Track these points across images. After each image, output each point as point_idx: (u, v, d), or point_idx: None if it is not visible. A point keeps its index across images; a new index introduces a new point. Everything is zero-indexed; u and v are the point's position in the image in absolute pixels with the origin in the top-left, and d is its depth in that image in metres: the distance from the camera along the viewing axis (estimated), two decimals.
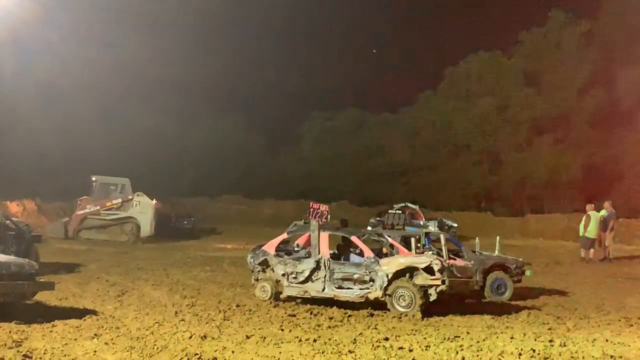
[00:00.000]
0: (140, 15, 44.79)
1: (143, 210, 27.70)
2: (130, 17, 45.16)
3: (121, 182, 28.43)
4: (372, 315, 12.00)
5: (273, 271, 13.55)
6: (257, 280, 13.80)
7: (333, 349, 9.03)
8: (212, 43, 51.50)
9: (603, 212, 23.19)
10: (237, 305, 12.64)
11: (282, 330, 10.44)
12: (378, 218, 28.01)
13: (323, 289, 12.95)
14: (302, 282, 13.14)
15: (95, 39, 44.09)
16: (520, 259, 15.78)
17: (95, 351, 8.65)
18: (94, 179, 28.46)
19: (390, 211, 27.30)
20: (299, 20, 58.29)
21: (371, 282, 12.56)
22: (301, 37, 57.30)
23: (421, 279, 12.23)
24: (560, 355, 8.84)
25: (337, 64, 59.83)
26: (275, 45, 56.82)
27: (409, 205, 29.56)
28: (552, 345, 9.44)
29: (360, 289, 12.67)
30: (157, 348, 8.86)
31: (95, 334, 9.70)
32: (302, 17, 58.30)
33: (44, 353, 8.45)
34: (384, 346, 9.25)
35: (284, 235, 14.18)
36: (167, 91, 48.17)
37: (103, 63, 43.56)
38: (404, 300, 12.16)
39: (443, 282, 12.14)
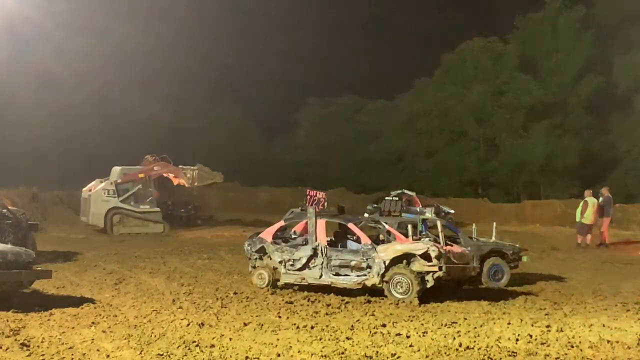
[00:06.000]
0: (135, 3, 44.64)
1: None
2: (126, 5, 45.04)
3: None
4: (369, 302, 12.02)
5: (270, 258, 13.55)
6: (254, 267, 13.80)
7: (331, 335, 9.04)
8: (208, 31, 51.33)
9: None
10: (235, 293, 12.65)
11: (280, 317, 10.45)
12: (375, 205, 28.01)
13: (320, 276, 12.96)
14: (300, 270, 13.15)
15: (91, 27, 44.02)
16: (517, 245, 15.78)
17: (92, 339, 8.65)
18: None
19: (387, 198, 27.28)
20: (295, 6, 58.06)
21: (368, 269, 12.57)
22: (297, 24, 57.08)
23: (418, 265, 12.25)
24: (557, 340, 8.86)
25: (333, 50, 59.70)
26: (270, 32, 56.63)
27: (406, 192, 29.53)
28: (549, 331, 9.46)
29: (358, 275, 12.68)
30: (155, 336, 8.87)
31: (93, 322, 9.71)
32: (298, 3, 58.08)
33: (42, 341, 8.45)
34: (381, 332, 9.27)
35: (281, 223, 14.17)
36: (163, 79, 48.06)
37: (99, 51, 43.48)
38: (401, 287, 12.17)
39: (440, 269, 12.15)
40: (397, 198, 27.19)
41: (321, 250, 12.99)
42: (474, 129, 45.96)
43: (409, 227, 14.28)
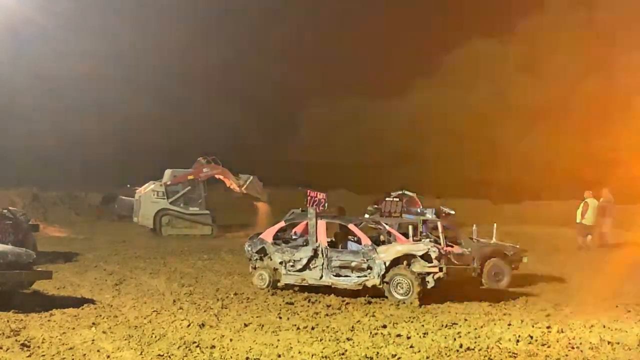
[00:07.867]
0: (136, 3, 44.62)
1: None
2: (126, 5, 45.01)
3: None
4: (369, 302, 12.02)
5: (271, 259, 13.55)
6: (254, 268, 13.80)
7: (331, 336, 9.05)
8: (209, 31, 51.23)
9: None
10: (235, 294, 12.66)
11: (280, 318, 10.46)
12: (375, 206, 27.84)
13: (321, 277, 12.96)
14: (300, 270, 13.15)
15: (92, 27, 43.93)
16: (518, 246, 15.76)
17: (93, 340, 8.66)
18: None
19: (387, 199, 27.10)
20: (296, 7, 57.97)
21: (369, 270, 12.57)
22: (298, 25, 56.96)
23: (419, 266, 12.25)
24: (557, 341, 8.86)
25: (334, 51, 59.55)
26: (272, 33, 56.53)
27: (406, 192, 29.38)
28: (550, 332, 9.46)
29: (358, 276, 12.68)
30: (155, 336, 8.87)
31: (93, 323, 9.72)
32: (299, 5, 57.99)
33: (42, 342, 8.46)
34: (381, 333, 9.27)
35: (282, 224, 14.17)
36: (165, 80, 47.98)
37: (99, 51, 43.42)
38: (402, 288, 12.17)
39: (440, 270, 12.16)
40: (397, 199, 27.08)
41: (322, 251, 13.00)
42: (474, 130, 45.93)
43: (410, 227, 14.28)
